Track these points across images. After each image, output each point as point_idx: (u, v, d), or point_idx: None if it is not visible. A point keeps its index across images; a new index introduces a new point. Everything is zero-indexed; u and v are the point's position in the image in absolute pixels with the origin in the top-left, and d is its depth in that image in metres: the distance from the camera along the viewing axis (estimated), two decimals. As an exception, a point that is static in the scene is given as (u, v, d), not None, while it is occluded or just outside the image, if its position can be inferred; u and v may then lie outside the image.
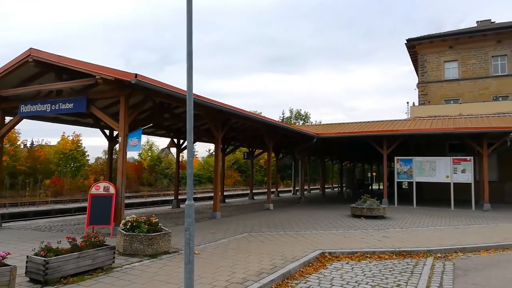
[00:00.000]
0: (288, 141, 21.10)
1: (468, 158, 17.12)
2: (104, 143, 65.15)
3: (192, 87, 5.00)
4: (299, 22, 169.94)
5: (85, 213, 10.30)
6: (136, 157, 48.27)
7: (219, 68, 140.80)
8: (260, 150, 25.46)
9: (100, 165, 38.67)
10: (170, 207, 18.67)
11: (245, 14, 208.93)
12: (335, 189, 40.65)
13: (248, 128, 17.61)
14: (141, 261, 6.69)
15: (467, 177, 16.81)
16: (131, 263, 6.51)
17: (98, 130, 14.33)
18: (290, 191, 35.59)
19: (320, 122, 57.94)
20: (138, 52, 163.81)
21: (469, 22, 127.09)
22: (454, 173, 16.98)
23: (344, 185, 32.77)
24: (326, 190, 31.89)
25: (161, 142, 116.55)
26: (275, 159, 29.83)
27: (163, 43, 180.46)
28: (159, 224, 7.55)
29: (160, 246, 7.21)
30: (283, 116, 66.66)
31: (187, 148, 4.99)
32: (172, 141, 18.13)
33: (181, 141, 18.06)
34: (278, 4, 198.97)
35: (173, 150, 32.10)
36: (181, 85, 6.17)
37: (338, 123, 24.58)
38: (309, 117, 67.69)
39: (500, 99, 25.43)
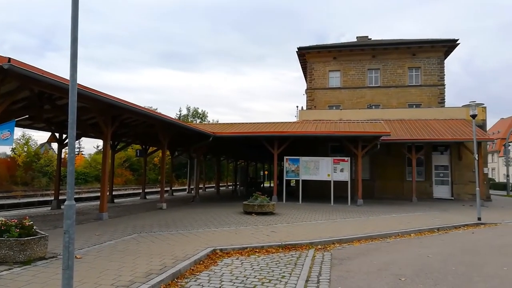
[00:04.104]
0: (184, 139, 20.82)
1: (346, 158, 19.12)
2: (-34, 135, 55.71)
3: (76, 77, 4.60)
4: (194, 21, 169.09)
5: None
6: (9, 152, 42.60)
7: (110, 60, 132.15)
8: (155, 148, 24.60)
9: (-40, 161, 33.18)
10: (50, 208, 16.93)
11: (135, 7, 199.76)
12: (229, 187, 41.50)
13: (142, 124, 16.87)
14: (10, 269, 5.93)
15: (345, 176, 18.76)
16: (-3, 273, 5.72)
17: (-42, 120, 12.21)
18: (185, 189, 35.19)
19: (217, 121, 58.66)
20: (12, 35, 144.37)
21: (349, 37, 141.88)
22: (334, 172, 18.79)
23: (238, 183, 33.64)
24: (221, 188, 32.39)
25: (40, 137, 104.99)
26: (170, 157, 29.18)
27: (44, 27, 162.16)
28: (34, 227, 6.81)
29: (34, 251, 6.49)
30: (180, 114, 65.67)
31: (68, 144, 4.59)
32: (53, 135, 16.40)
33: (64, 135, 16.43)
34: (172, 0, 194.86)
35: (54, 145, 29.13)
36: (66, 74, 5.65)
37: (234, 123, 25.11)
38: (207, 116, 67.94)
39: (373, 107, 28.98)
